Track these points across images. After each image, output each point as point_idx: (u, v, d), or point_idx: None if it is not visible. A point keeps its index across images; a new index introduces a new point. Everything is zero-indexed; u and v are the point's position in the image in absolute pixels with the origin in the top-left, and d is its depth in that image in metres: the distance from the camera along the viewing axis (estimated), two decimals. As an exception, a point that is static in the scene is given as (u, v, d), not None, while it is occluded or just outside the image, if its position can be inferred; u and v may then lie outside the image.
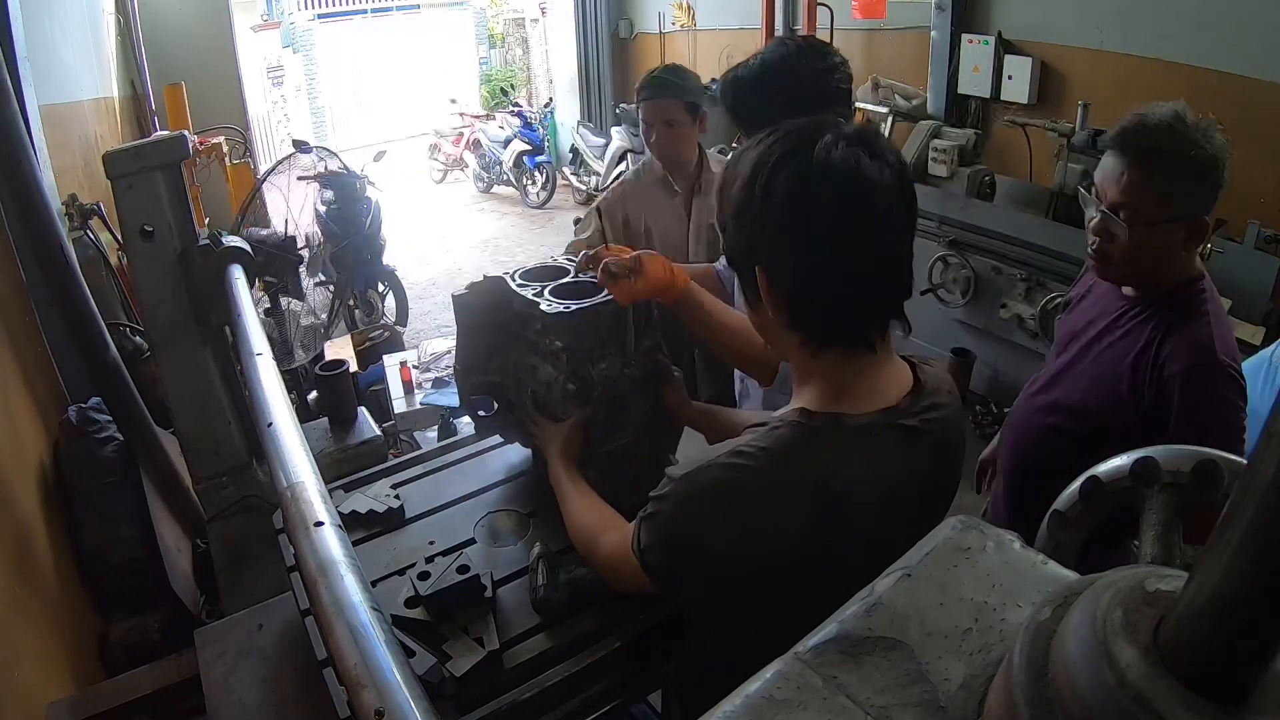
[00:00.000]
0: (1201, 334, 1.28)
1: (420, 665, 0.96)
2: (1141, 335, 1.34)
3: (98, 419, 2.18)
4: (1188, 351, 1.27)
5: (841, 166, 0.79)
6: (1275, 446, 0.27)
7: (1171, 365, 1.28)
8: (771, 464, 0.82)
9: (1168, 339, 1.30)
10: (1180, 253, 1.30)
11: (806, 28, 4.92)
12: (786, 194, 0.81)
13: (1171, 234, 1.27)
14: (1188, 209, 1.25)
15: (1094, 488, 0.66)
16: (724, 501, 0.84)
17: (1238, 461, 0.61)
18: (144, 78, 4.78)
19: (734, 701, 0.43)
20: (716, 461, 0.85)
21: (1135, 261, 1.32)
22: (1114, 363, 1.36)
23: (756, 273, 0.86)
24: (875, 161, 0.80)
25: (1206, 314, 1.30)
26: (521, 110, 8.65)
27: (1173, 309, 1.32)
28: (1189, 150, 1.21)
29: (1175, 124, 1.23)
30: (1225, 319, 1.35)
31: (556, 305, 1.21)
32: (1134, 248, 1.29)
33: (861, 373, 0.87)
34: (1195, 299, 1.32)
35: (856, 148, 0.81)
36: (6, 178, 1.95)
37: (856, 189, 0.80)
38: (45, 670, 1.61)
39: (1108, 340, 1.40)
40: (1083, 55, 3.82)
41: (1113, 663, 0.32)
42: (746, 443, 0.85)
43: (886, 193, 0.81)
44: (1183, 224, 1.26)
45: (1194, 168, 1.22)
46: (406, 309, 5.27)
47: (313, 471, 0.97)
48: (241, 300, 1.58)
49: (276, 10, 10.22)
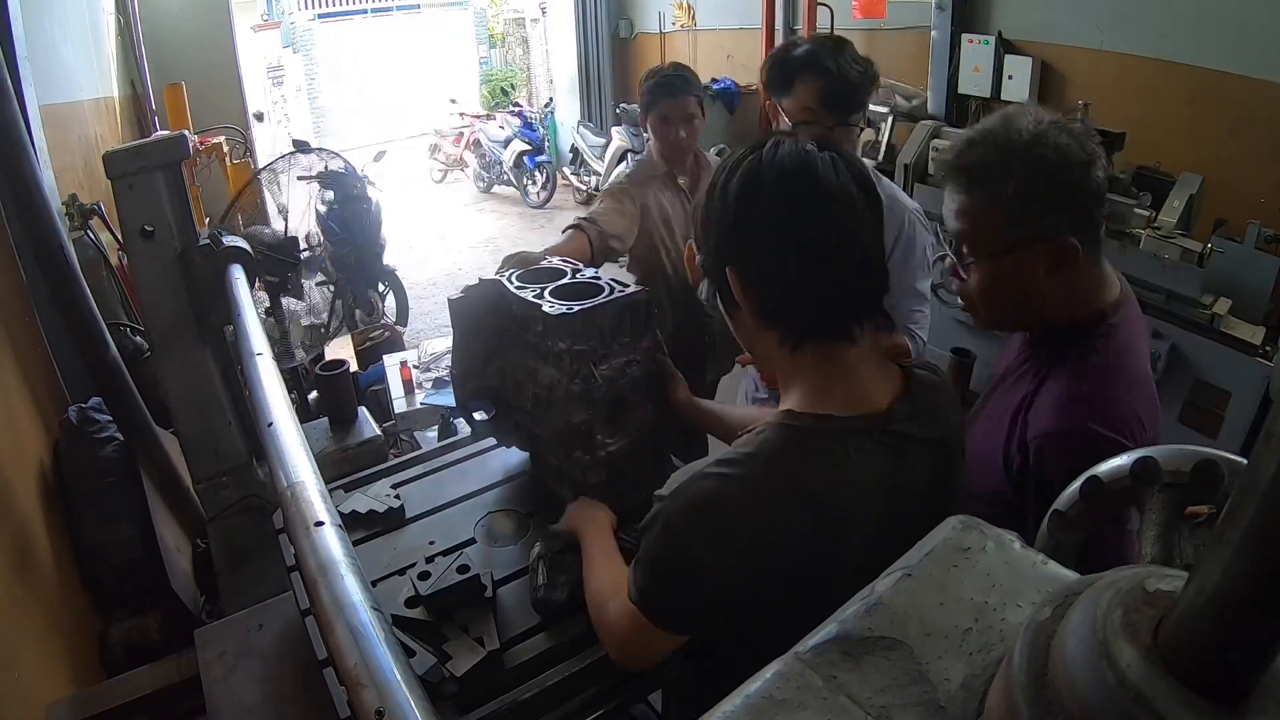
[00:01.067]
0: (1069, 391, 1.03)
1: (420, 665, 0.96)
2: (1024, 387, 1.11)
3: (98, 419, 2.18)
4: (1049, 413, 1.03)
5: (788, 160, 0.83)
6: (1275, 446, 0.27)
7: (1032, 428, 1.04)
8: (757, 470, 0.81)
9: (1040, 394, 1.07)
10: (1054, 284, 1.05)
11: (807, 28, 4.92)
12: (738, 191, 0.85)
13: (1027, 264, 1.04)
14: (1034, 230, 1.02)
15: (1094, 488, 0.66)
16: (711, 513, 0.82)
17: (1238, 461, 0.61)
18: (144, 78, 4.78)
19: (734, 701, 0.43)
20: (701, 473, 0.84)
21: (994, 304, 1.10)
22: (998, 419, 1.13)
23: (728, 275, 0.88)
24: (825, 154, 0.83)
25: (1086, 365, 1.04)
26: (521, 110, 8.66)
27: (1055, 355, 1.09)
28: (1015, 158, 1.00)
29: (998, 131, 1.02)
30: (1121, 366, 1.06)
31: (559, 306, 1.21)
32: (984, 287, 1.08)
33: (845, 371, 0.87)
34: (1085, 341, 1.06)
35: (805, 145, 0.84)
36: (6, 178, 1.95)
37: (802, 178, 0.82)
38: (45, 670, 1.61)
39: (1001, 391, 1.18)
40: (1083, 55, 3.82)
41: (1113, 663, 0.32)
42: (733, 451, 0.85)
43: (839, 185, 0.83)
44: (1034, 249, 1.03)
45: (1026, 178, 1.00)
46: (406, 309, 5.27)
47: (313, 471, 0.97)
48: (241, 300, 1.58)
49: (276, 10, 10.21)
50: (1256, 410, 2.43)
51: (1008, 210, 1.02)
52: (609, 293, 1.26)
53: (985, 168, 1.03)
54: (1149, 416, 1.03)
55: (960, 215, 1.07)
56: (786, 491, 0.81)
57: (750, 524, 0.81)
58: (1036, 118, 1.02)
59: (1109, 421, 0.99)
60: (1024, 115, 1.03)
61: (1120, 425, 0.99)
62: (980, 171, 1.03)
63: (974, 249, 1.08)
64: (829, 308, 0.86)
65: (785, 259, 0.84)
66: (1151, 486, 0.62)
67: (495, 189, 8.84)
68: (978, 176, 1.04)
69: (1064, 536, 0.67)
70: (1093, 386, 1.02)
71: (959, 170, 1.06)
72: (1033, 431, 1.04)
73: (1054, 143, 1.00)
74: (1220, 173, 3.09)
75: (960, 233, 1.09)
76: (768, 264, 0.85)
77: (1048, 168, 0.99)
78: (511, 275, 1.35)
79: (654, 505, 0.87)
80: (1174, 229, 2.79)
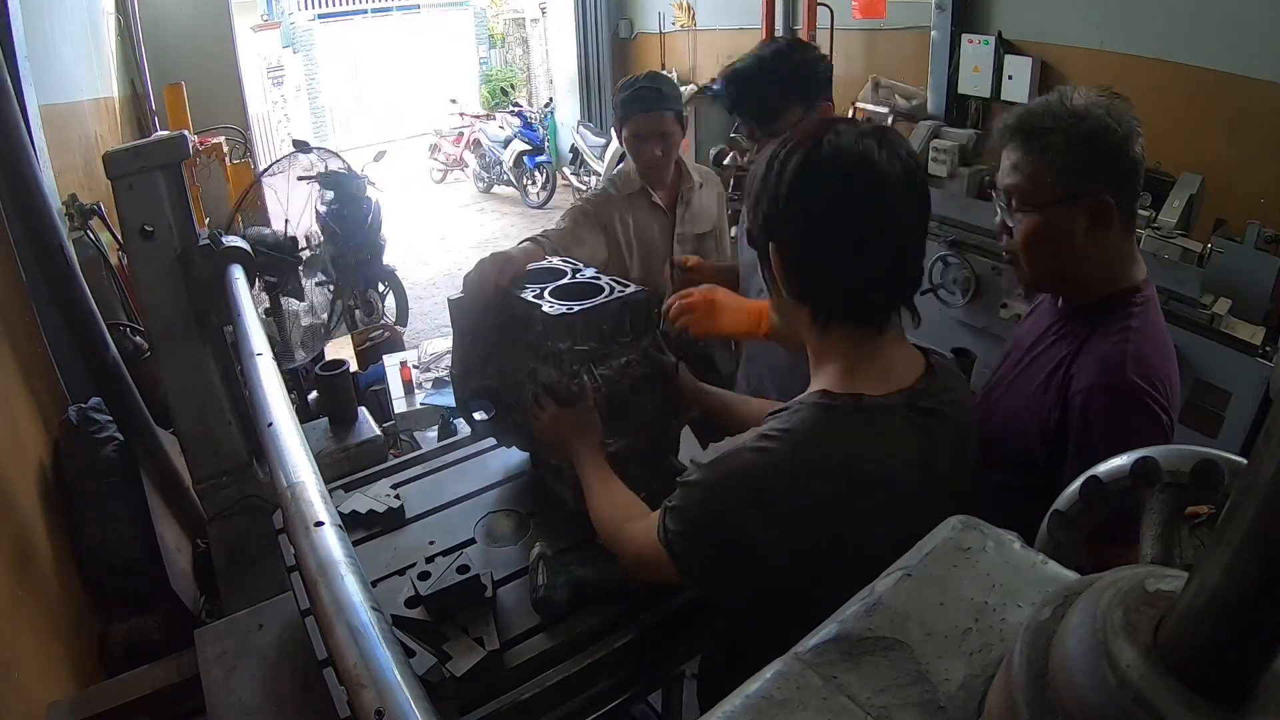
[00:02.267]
0: (1114, 349, 1.11)
1: (420, 665, 0.96)
2: (1061, 350, 1.19)
3: (98, 419, 2.18)
4: (1094, 368, 1.11)
5: (848, 150, 0.86)
6: (1275, 447, 0.27)
7: (1076, 383, 1.12)
8: (798, 446, 0.85)
9: (1080, 354, 1.15)
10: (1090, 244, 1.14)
11: (806, 28, 4.92)
12: (795, 173, 0.87)
13: (1068, 218, 1.14)
14: (1077, 186, 1.12)
15: (1094, 488, 0.66)
16: (753, 485, 0.85)
17: (1238, 461, 0.61)
18: (144, 78, 4.78)
19: (734, 701, 0.43)
20: (743, 447, 0.87)
21: (1037, 257, 1.19)
22: (1029, 381, 1.22)
23: (771, 249, 0.91)
24: (884, 151, 0.86)
25: (1128, 327, 1.13)
26: (521, 110, 8.66)
27: (1096, 320, 1.17)
28: (1065, 122, 1.12)
29: (1053, 100, 1.16)
30: (1157, 337, 1.16)
31: (558, 307, 1.21)
32: (1030, 239, 1.17)
33: (874, 352, 0.90)
34: (1122, 310, 1.16)
35: (867, 138, 0.86)
36: (6, 178, 1.94)
37: (860, 170, 0.85)
38: (45, 670, 1.61)
39: (1031, 357, 1.26)
40: (1083, 55, 3.81)
41: (1113, 663, 0.32)
42: (770, 427, 0.88)
43: (893, 179, 0.85)
44: (1077, 204, 1.12)
45: (1072, 139, 1.11)
46: (406, 309, 5.27)
47: (313, 471, 0.97)
48: (241, 300, 1.58)
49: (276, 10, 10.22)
50: (1256, 410, 2.42)
51: (1055, 166, 1.13)
52: (609, 292, 1.26)
53: (1039, 128, 1.14)
54: (1176, 389, 1.13)
55: (1013, 169, 1.17)
56: (822, 463, 0.85)
57: (788, 495, 0.84)
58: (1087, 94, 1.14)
59: (1150, 380, 1.08)
60: (1077, 91, 1.15)
61: (1159, 385, 1.08)
62: (1035, 130, 1.14)
63: (1022, 201, 1.17)
64: (863, 295, 0.89)
65: (828, 243, 0.87)
66: (1151, 486, 0.62)
67: (495, 189, 8.85)
68: (1032, 134, 1.14)
69: (1064, 536, 0.67)
70: (1136, 346, 1.11)
71: (1017, 130, 1.17)
72: (1077, 386, 1.12)
73: (1100, 114, 1.11)
74: (1220, 173, 3.09)
75: (1012, 187, 1.18)
76: (810, 246, 0.88)
77: (1093, 133, 1.11)
78: None
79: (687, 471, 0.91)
80: (1174, 229, 2.79)
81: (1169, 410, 1.09)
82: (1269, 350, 2.46)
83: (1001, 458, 1.19)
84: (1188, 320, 2.57)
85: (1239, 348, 2.51)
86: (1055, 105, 1.14)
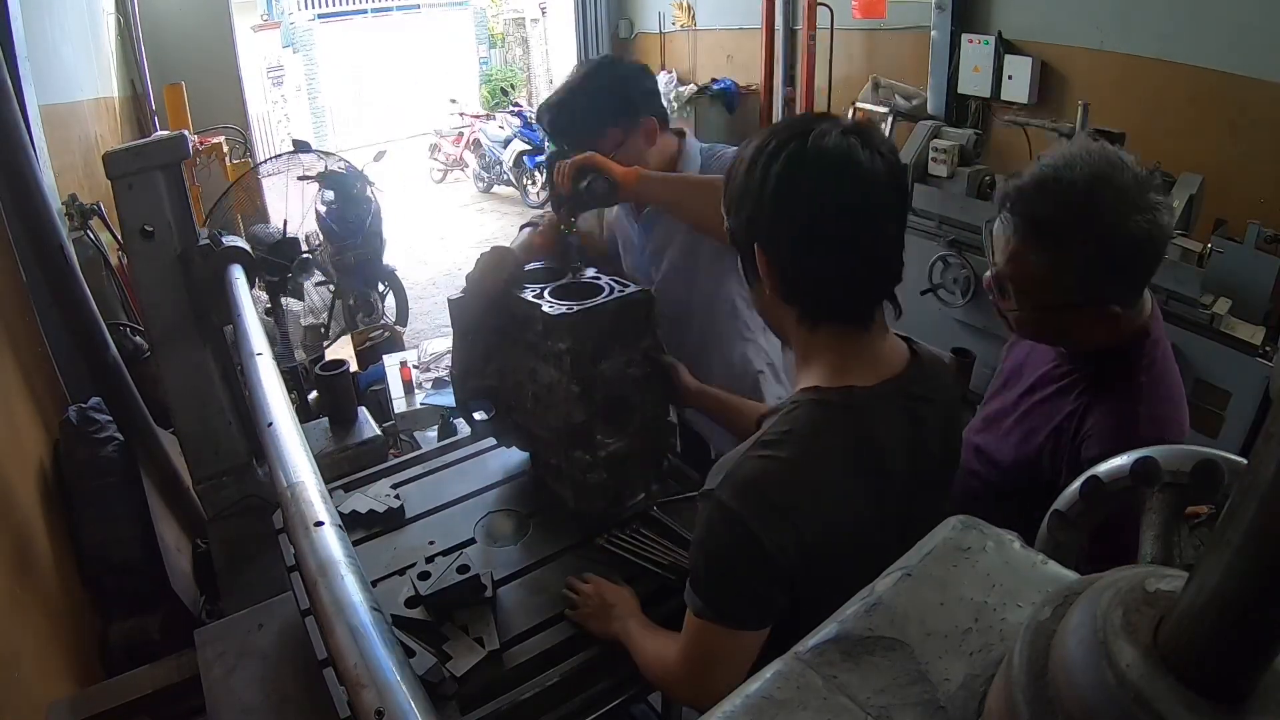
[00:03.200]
0: (1127, 411, 1.04)
1: (420, 665, 0.97)
2: (1065, 403, 1.12)
3: (98, 419, 2.18)
4: (1106, 433, 1.04)
5: (834, 151, 0.84)
6: (1275, 447, 0.27)
7: (1089, 449, 1.05)
8: (798, 444, 0.85)
9: (1090, 412, 1.08)
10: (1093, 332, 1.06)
11: (806, 27, 4.92)
12: (781, 174, 0.86)
13: (1074, 317, 1.05)
14: (1090, 297, 1.00)
15: (1094, 488, 0.66)
16: (763, 492, 0.83)
17: (1238, 461, 0.61)
18: (144, 78, 4.78)
19: (734, 701, 0.43)
20: (744, 457, 0.86)
21: (1036, 335, 1.12)
22: (1036, 429, 1.15)
23: (755, 250, 0.90)
24: (867, 150, 0.85)
25: (1140, 385, 1.05)
26: (521, 110, 8.65)
27: (1104, 371, 1.09)
28: (1096, 230, 0.95)
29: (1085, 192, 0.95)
30: (1167, 386, 1.09)
31: (558, 306, 1.21)
32: (1027, 324, 1.09)
33: (861, 347, 0.91)
34: (1130, 364, 1.07)
35: (850, 136, 0.85)
36: (6, 178, 1.94)
37: (847, 171, 0.84)
38: (45, 670, 1.61)
39: (1035, 398, 1.18)
40: (1083, 55, 3.81)
41: (1113, 663, 0.32)
42: (767, 431, 0.87)
43: (876, 178, 0.85)
44: (1085, 311, 1.03)
45: (1101, 251, 0.96)
46: (406, 309, 5.27)
47: (313, 471, 0.97)
48: (241, 300, 1.58)
49: (276, 10, 10.23)
50: (1256, 410, 2.43)
51: (1063, 276, 1.00)
52: (609, 292, 1.26)
53: (1056, 228, 0.98)
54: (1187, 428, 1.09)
55: (1013, 258, 1.04)
56: (826, 457, 0.85)
57: (799, 495, 0.84)
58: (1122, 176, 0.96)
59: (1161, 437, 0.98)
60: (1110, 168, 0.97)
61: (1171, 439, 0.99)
62: (1049, 229, 0.99)
63: (1022, 296, 1.06)
64: (850, 296, 0.89)
65: (816, 246, 0.87)
66: (1151, 486, 0.62)
67: (495, 189, 8.84)
68: (1045, 233, 1.00)
69: (1064, 536, 0.67)
70: (1147, 407, 1.04)
71: (1026, 219, 1.02)
72: (1091, 452, 1.04)
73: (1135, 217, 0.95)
74: (1220, 173, 3.09)
75: (1009, 275, 1.06)
76: (796, 248, 0.88)
77: (1129, 249, 0.96)
78: None
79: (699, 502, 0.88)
80: (1174, 229, 2.79)
81: None
82: (1269, 350, 2.46)
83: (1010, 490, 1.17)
84: (1188, 320, 2.57)
85: (1239, 348, 2.51)
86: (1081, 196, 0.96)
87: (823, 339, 0.91)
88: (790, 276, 0.90)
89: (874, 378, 0.89)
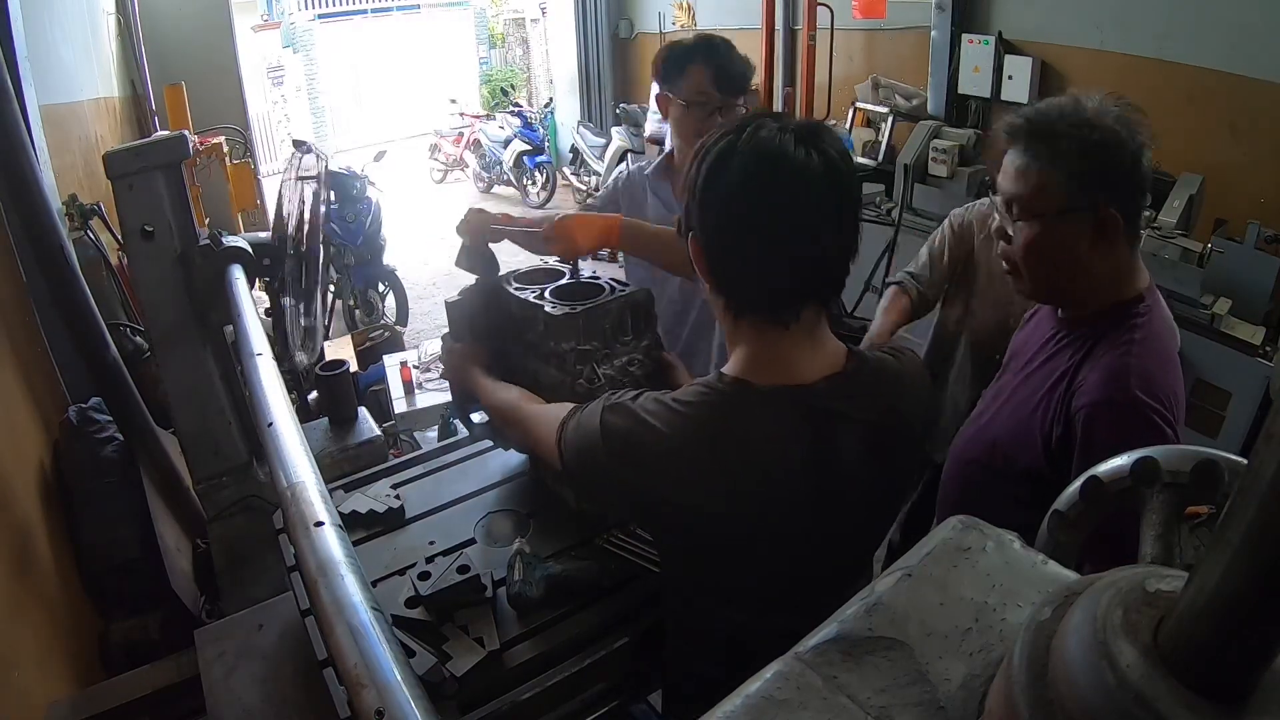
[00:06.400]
0: (1118, 363, 1.08)
1: (420, 665, 0.96)
2: (1060, 363, 1.17)
3: (98, 419, 2.18)
4: (1097, 383, 1.09)
5: (764, 145, 0.84)
6: (1275, 447, 0.27)
7: (1079, 398, 1.10)
8: (678, 421, 0.87)
9: (1083, 367, 1.13)
10: (1094, 257, 1.12)
11: (806, 27, 4.91)
12: (710, 166, 0.87)
13: (1071, 229, 1.11)
14: (1084, 197, 1.08)
15: (1094, 488, 0.66)
16: (634, 452, 0.89)
17: (1238, 461, 0.61)
18: (144, 78, 4.78)
19: (734, 701, 0.43)
20: (645, 401, 0.91)
21: (1037, 267, 1.15)
22: (1033, 392, 1.20)
23: (689, 239, 0.92)
24: (803, 147, 0.84)
25: (1132, 340, 1.10)
26: (521, 110, 8.65)
27: (1098, 332, 1.14)
28: (1077, 129, 1.08)
29: (1064, 107, 1.11)
30: (1162, 347, 1.13)
31: (561, 307, 1.21)
32: (1031, 249, 1.14)
33: (776, 346, 0.90)
34: (1125, 320, 1.13)
35: (788, 133, 0.84)
36: (6, 178, 1.95)
37: (773, 165, 0.84)
38: (45, 670, 1.61)
39: (1032, 367, 1.23)
40: (1083, 55, 3.81)
41: (1113, 663, 0.32)
42: (674, 396, 0.90)
43: (810, 176, 0.83)
44: (1082, 216, 1.09)
45: (1084, 149, 1.07)
46: (406, 309, 5.28)
47: (313, 471, 0.97)
48: (241, 300, 1.58)
49: (276, 10, 10.23)
50: (1256, 410, 2.43)
51: (1063, 176, 1.09)
52: (610, 292, 1.26)
53: (1051, 134, 1.10)
54: (1181, 400, 1.11)
55: (1019, 176, 1.13)
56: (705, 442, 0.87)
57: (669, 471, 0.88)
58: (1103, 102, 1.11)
59: (1155, 394, 1.06)
60: (1092, 98, 1.12)
61: (1164, 399, 1.06)
62: (1044, 134, 1.10)
63: (1026, 209, 1.13)
64: (770, 292, 0.89)
65: (735, 239, 0.88)
66: (1151, 487, 0.62)
67: (495, 189, 8.84)
68: (1043, 140, 1.11)
69: (1064, 536, 0.67)
70: (1139, 360, 1.08)
71: (1025, 132, 1.13)
72: (1080, 402, 1.09)
73: (1114, 126, 1.08)
74: (1220, 173, 3.09)
75: (1014, 194, 1.14)
76: (719, 240, 0.89)
77: (1106, 145, 1.07)
78: (510, 275, 1.36)
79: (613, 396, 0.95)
80: (1174, 229, 2.79)
81: (1174, 424, 1.07)
82: (1269, 350, 2.46)
83: (1006, 469, 1.18)
84: (1188, 320, 2.57)
85: (1239, 348, 2.51)
86: (1068, 109, 1.11)
87: (744, 331, 0.92)
88: (713, 265, 0.91)
89: (774, 380, 0.88)
